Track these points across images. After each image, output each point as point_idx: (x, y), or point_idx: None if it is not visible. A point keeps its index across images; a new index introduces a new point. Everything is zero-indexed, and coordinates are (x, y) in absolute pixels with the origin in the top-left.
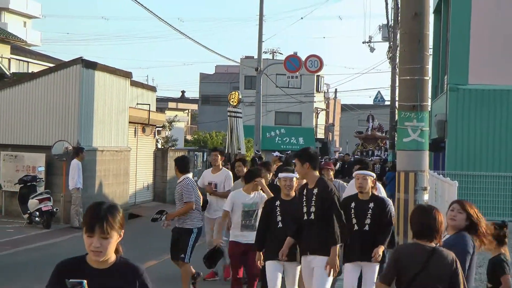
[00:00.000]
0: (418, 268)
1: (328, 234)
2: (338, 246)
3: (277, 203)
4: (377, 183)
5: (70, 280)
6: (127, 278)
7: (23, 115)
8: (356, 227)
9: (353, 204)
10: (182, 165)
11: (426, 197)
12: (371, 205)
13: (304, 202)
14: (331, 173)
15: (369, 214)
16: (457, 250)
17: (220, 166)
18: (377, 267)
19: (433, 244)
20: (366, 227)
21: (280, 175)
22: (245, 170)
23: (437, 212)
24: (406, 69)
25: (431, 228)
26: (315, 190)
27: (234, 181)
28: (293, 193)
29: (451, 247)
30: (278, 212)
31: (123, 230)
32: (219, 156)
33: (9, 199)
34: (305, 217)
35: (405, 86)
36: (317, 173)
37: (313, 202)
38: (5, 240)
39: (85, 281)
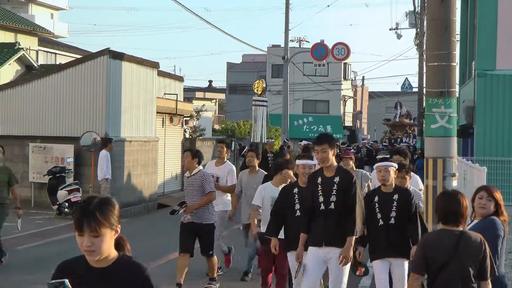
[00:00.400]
0: (448, 253)
1: (348, 225)
2: (354, 237)
3: (295, 190)
4: (412, 173)
5: (51, 282)
6: (129, 277)
7: (51, 106)
8: (381, 222)
9: (376, 198)
10: (201, 156)
11: (455, 183)
12: (395, 197)
13: (320, 191)
14: (351, 162)
15: (394, 207)
16: (489, 235)
17: (225, 159)
18: (406, 262)
19: (460, 229)
20: (392, 221)
21: (298, 162)
22: (256, 162)
23: (461, 196)
24: (433, 55)
25: (457, 213)
26: (336, 179)
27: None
28: None
29: (482, 232)
30: (296, 200)
31: (119, 225)
32: (225, 149)
33: (38, 190)
34: (322, 207)
35: (432, 72)
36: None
37: (334, 191)
38: (35, 232)
39: (66, 280)
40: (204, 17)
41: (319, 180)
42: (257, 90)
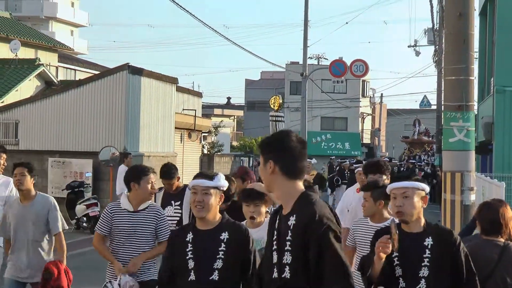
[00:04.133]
0: (493, 264)
1: None
2: None
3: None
4: None
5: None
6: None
7: (71, 121)
8: (402, 284)
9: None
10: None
11: (473, 197)
12: (428, 241)
13: (275, 243)
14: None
15: (425, 260)
16: None
17: None
18: None
19: (502, 240)
20: (423, 285)
21: None
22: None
23: (503, 207)
24: (451, 69)
25: (499, 224)
26: (292, 220)
27: None
28: None
29: None
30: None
31: None
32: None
33: None
34: (275, 274)
35: (451, 86)
36: (297, 184)
37: (287, 244)
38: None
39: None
40: (223, 34)
41: (277, 222)
42: (273, 106)
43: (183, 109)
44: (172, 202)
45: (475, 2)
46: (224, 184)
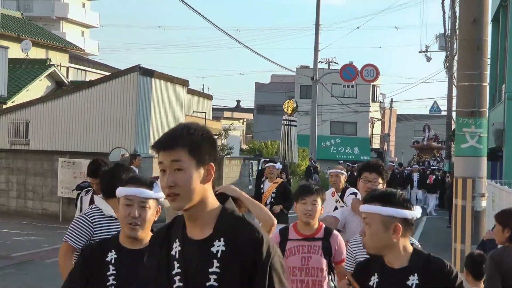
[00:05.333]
0: None
1: None
2: None
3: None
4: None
5: None
6: None
7: (81, 122)
8: None
9: (374, 279)
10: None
11: (484, 203)
12: (413, 280)
13: (177, 279)
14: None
15: None
16: None
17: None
18: None
19: None
20: None
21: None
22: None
23: None
24: (464, 75)
25: None
26: (218, 246)
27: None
28: None
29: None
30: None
31: None
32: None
33: (66, 205)
34: None
35: (464, 92)
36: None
37: (211, 279)
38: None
39: None
40: (234, 37)
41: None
42: (287, 110)
43: (194, 112)
44: None
45: (488, 8)
46: (163, 195)
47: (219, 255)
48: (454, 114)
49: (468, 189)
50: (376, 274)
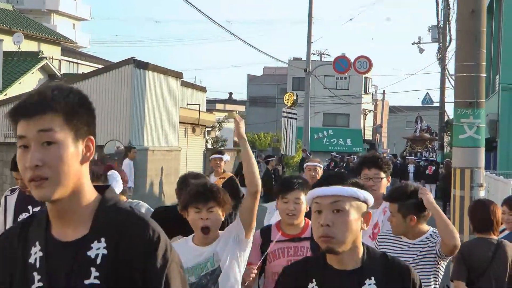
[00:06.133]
0: (488, 261)
1: None
2: None
3: None
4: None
5: None
6: None
7: None
8: None
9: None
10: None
11: (482, 193)
12: (370, 284)
13: None
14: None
15: None
16: None
17: None
18: None
19: (495, 237)
20: None
21: None
22: None
23: (495, 205)
24: (462, 66)
25: (491, 222)
26: (98, 248)
27: None
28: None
29: None
30: None
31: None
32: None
33: None
34: None
35: (462, 83)
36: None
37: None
38: None
39: None
40: (227, 29)
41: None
42: (287, 102)
43: (188, 104)
44: (30, 207)
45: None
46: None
47: (98, 261)
48: (447, 106)
49: (467, 179)
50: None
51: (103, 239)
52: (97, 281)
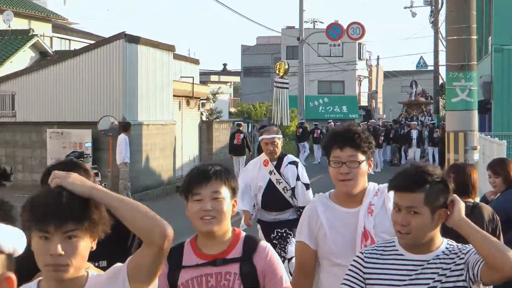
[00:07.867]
0: None
1: None
2: None
3: None
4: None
5: None
6: None
7: (68, 92)
8: None
9: None
10: None
11: (476, 156)
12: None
13: None
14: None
15: None
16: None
17: None
18: None
19: (471, 200)
20: None
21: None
22: None
23: (471, 168)
24: (453, 29)
25: (467, 184)
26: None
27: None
28: None
29: (505, 203)
30: None
31: None
32: None
33: None
34: None
35: (453, 46)
36: None
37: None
38: None
39: None
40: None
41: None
42: (278, 71)
43: (181, 77)
44: None
45: None
46: None
47: None
48: (441, 69)
49: (460, 142)
50: None
51: None
52: None
